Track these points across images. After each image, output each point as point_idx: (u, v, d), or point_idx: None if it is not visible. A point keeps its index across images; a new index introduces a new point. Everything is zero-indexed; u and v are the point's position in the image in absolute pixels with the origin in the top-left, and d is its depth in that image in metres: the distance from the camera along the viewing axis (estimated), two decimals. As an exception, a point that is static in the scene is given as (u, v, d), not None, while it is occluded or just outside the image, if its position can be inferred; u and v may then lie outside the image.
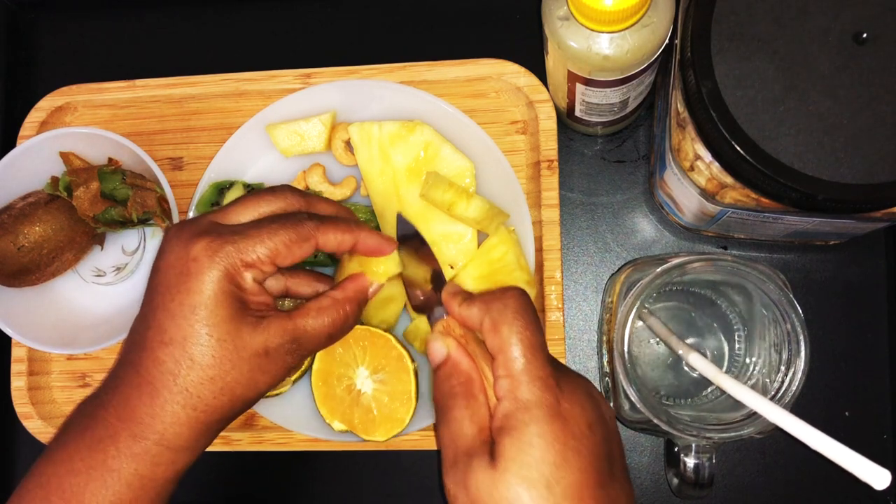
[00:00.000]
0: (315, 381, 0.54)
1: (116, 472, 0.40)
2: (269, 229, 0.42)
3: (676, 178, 0.48)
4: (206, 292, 0.40)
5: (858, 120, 0.39)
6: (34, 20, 0.67)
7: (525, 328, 0.37)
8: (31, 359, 0.61)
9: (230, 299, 0.41)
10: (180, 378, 0.40)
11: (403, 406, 0.53)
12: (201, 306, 0.40)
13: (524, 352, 0.37)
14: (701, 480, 0.48)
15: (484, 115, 0.59)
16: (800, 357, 0.44)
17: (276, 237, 0.42)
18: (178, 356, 0.40)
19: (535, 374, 0.36)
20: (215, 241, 0.41)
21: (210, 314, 0.40)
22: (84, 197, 0.58)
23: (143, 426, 0.40)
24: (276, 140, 0.58)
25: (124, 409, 0.41)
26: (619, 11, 0.40)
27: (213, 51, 0.64)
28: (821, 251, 0.57)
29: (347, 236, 0.46)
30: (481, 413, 0.38)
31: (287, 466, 0.61)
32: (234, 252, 0.41)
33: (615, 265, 0.59)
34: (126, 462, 0.40)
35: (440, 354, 0.40)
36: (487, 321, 0.38)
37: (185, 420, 0.41)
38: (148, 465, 0.41)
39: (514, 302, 0.38)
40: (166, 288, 0.41)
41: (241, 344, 0.41)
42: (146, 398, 0.40)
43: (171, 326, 0.40)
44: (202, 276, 0.40)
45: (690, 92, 0.41)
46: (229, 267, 0.41)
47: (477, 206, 0.52)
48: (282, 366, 0.43)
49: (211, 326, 0.40)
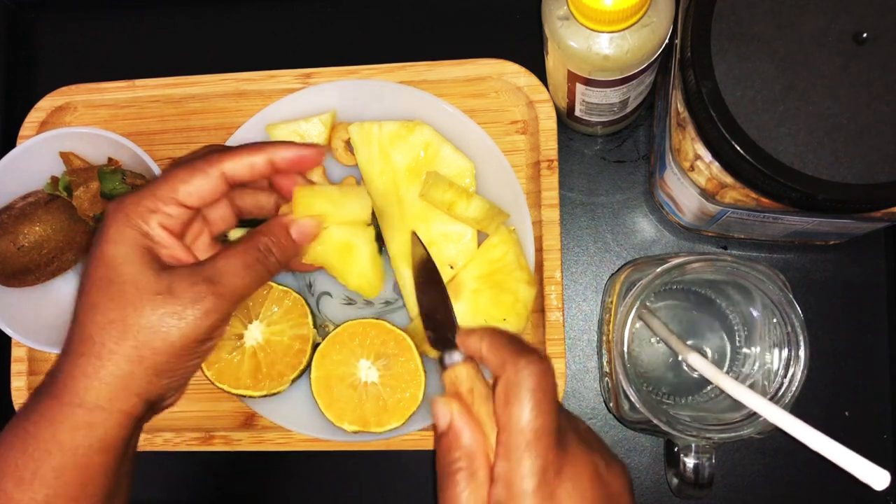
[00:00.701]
0: (316, 389, 0.54)
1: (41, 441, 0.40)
2: (170, 169, 0.44)
3: (676, 178, 0.48)
4: (111, 241, 0.41)
5: (858, 120, 0.39)
6: (34, 20, 0.67)
7: (536, 414, 0.35)
8: (31, 359, 0.61)
9: (133, 245, 0.41)
10: (88, 328, 0.40)
11: (414, 382, 0.54)
12: (106, 255, 0.41)
13: (529, 440, 0.35)
14: (701, 480, 0.48)
15: (484, 115, 0.59)
16: (799, 357, 0.44)
17: (175, 173, 0.43)
18: (87, 308, 0.41)
19: (534, 466, 0.35)
20: (122, 199, 0.43)
21: (114, 261, 0.41)
22: (84, 197, 0.58)
23: (60, 387, 0.40)
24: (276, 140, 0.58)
25: (54, 379, 0.41)
26: (619, 11, 0.40)
27: (213, 51, 0.64)
28: (821, 251, 0.57)
29: (254, 156, 0.45)
30: (480, 494, 0.36)
31: (287, 466, 0.61)
32: (134, 199, 0.42)
33: (615, 265, 0.59)
34: (48, 429, 0.40)
35: (444, 421, 0.38)
36: (500, 390, 0.36)
37: (92, 371, 0.40)
38: (68, 429, 0.40)
39: (530, 380, 0.36)
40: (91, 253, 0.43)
41: (141, 284, 0.41)
42: (68, 360, 0.41)
43: (84, 282, 0.42)
44: (108, 229, 0.42)
45: (690, 92, 0.41)
46: (132, 214, 0.42)
47: (477, 206, 0.52)
48: (196, 309, 0.41)
49: (112, 269, 0.41)
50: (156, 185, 0.43)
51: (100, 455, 0.41)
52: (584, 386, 0.59)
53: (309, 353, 0.55)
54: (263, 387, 0.55)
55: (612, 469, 0.38)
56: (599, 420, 0.59)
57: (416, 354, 0.54)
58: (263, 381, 0.55)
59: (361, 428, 0.54)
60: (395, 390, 0.54)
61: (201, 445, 0.58)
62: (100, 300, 0.41)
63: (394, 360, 0.54)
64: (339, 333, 0.55)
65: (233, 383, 0.55)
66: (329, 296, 0.58)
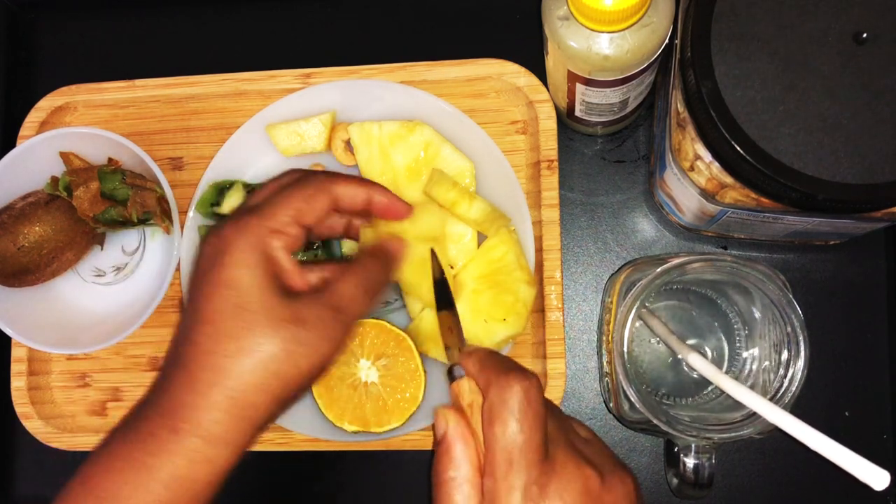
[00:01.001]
0: (316, 389, 0.54)
1: (153, 471, 0.38)
2: (285, 191, 0.43)
3: (676, 178, 0.48)
4: (237, 265, 0.39)
5: (858, 120, 0.39)
6: (34, 20, 0.67)
7: (517, 431, 0.36)
8: (31, 359, 0.61)
9: (261, 270, 0.40)
10: (214, 356, 0.38)
11: (414, 382, 0.54)
12: (233, 280, 0.39)
13: (510, 458, 0.36)
14: (701, 481, 0.48)
15: (484, 115, 0.59)
16: (799, 357, 0.44)
17: (293, 195, 0.42)
18: (211, 333, 0.39)
19: (517, 484, 0.35)
20: (241, 218, 0.41)
21: (242, 285, 0.39)
22: (84, 197, 0.58)
23: (181, 418, 0.38)
24: (275, 140, 0.58)
25: (166, 404, 0.39)
26: (619, 11, 0.40)
27: (213, 51, 0.64)
28: (821, 251, 0.57)
29: (360, 189, 0.45)
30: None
31: (287, 466, 0.61)
32: (256, 221, 0.41)
33: (615, 265, 0.59)
34: (163, 460, 0.38)
35: (440, 431, 0.39)
36: (486, 409, 0.37)
37: (221, 403, 0.38)
38: (185, 463, 0.38)
39: (514, 398, 0.36)
40: (202, 274, 0.40)
41: (272, 313, 0.39)
42: (186, 387, 0.38)
43: (206, 307, 0.39)
44: (232, 251, 0.40)
45: (690, 92, 0.41)
46: (257, 237, 0.40)
47: (479, 209, 0.52)
48: (324, 338, 0.40)
49: (242, 296, 0.39)
50: (274, 204, 0.42)
51: (210, 490, 0.39)
52: (584, 386, 0.59)
53: (309, 353, 0.55)
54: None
55: (609, 481, 0.37)
56: (599, 420, 0.59)
57: (416, 354, 0.54)
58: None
59: (361, 428, 0.54)
60: (395, 390, 0.54)
61: (201, 445, 0.58)
62: (228, 328, 0.38)
63: (394, 360, 0.54)
64: None
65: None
66: (329, 296, 0.58)
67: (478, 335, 0.53)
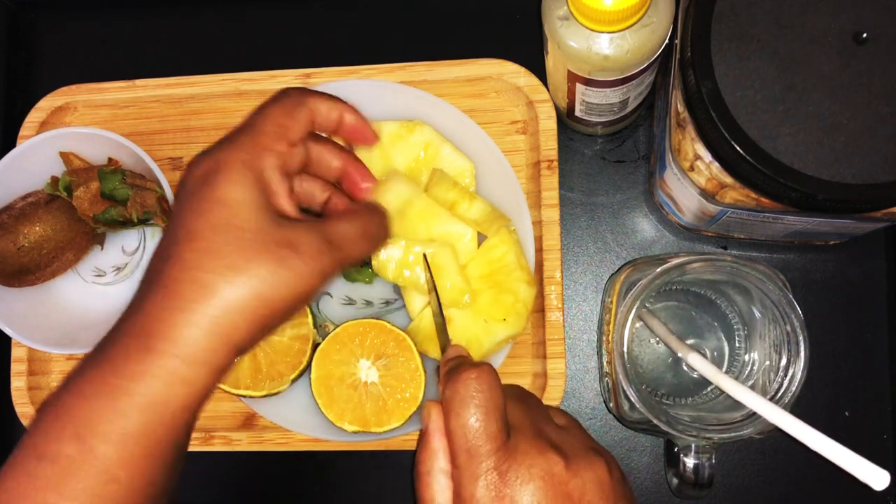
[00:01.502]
0: (316, 389, 0.54)
1: (127, 395, 0.36)
2: (266, 109, 0.43)
3: (676, 178, 0.48)
4: (232, 182, 0.39)
5: (858, 120, 0.39)
6: (34, 20, 0.67)
7: (473, 421, 0.37)
8: (31, 359, 0.61)
9: (255, 190, 0.39)
10: (199, 272, 0.37)
11: (414, 382, 0.54)
12: (227, 197, 0.39)
13: (467, 446, 0.37)
14: (700, 481, 0.48)
15: (484, 115, 0.59)
16: (799, 357, 0.44)
17: (275, 109, 0.43)
18: (199, 249, 0.37)
19: (475, 471, 0.36)
20: (231, 139, 0.41)
21: (235, 203, 0.38)
22: (84, 197, 0.58)
23: (158, 336, 0.37)
24: (276, 140, 0.58)
25: (142, 324, 0.37)
26: (619, 11, 0.40)
27: (213, 51, 0.64)
28: (821, 251, 0.57)
29: (334, 105, 0.46)
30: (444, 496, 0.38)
31: (287, 466, 0.61)
32: (247, 140, 0.41)
33: (615, 265, 0.59)
34: (137, 382, 0.36)
35: (423, 424, 0.40)
36: (444, 404, 0.39)
37: (201, 321, 0.36)
38: (161, 385, 0.36)
39: (466, 388, 0.38)
40: (191, 193, 0.39)
41: (264, 234, 0.38)
42: (164, 305, 0.37)
43: (195, 223, 0.38)
44: (226, 170, 0.39)
45: (690, 92, 0.41)
46: (249, 154, 0.40)
47: (479, 208, 0.53)
48: (314, 268, 0.39)
49: (233, 213, 0.38)
50: (260, 121, 0.42)
51: (186, 416, 0.37)
52: (584, 386, 0.59)
53: (309, 353, 0.55)
54: (263, 387, 0.55)
55: (574, 466, 0.37)
56: (599, 420, 0.59)
57: (416, 354, 0.54)
58: (263, 381, 0.55)
59: (361, 428, 0.54)
60: (395, 390, 0.54)
61: (201, 445, 0.58)
62: (218, 244, 0.37)
63: (394, 360, 0.54)
64: (339, 333, 0.55)
65: (233, 383, 0.55)
66: (329, 296, 0.58)
67: (478, 335, 0.53)
